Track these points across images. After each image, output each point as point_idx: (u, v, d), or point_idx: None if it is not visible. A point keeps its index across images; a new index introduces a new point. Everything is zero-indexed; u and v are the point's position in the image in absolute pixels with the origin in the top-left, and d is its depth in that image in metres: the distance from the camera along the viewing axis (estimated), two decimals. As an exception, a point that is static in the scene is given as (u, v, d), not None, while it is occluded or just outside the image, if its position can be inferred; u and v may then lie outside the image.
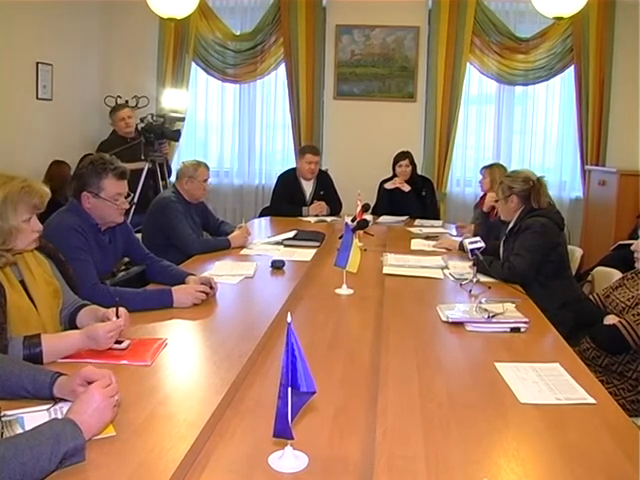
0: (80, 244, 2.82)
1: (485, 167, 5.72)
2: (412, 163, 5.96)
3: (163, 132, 5.89)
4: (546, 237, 3.51)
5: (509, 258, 3.51)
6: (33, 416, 1.65)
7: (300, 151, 6.00)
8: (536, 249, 3.47)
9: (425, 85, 7.11)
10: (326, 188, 5.93)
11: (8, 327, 2.01)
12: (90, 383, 1.69)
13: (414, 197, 5.85)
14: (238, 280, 3.32)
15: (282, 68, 7.24)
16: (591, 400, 1.90)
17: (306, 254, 4.02)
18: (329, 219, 5.54)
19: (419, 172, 6.25)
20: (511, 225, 3.76)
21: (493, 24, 6.88)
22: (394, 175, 5.96)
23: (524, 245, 3.49)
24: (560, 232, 3.64)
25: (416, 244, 4.48)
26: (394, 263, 3.71)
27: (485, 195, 5.72)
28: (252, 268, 3.55)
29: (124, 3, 7.03)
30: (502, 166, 5.75)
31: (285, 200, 5.77)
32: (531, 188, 3.68)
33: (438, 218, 5.97)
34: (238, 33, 7.27)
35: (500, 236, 4.01)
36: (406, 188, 5.82)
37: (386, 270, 3.57)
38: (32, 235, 2.21)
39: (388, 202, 5.86)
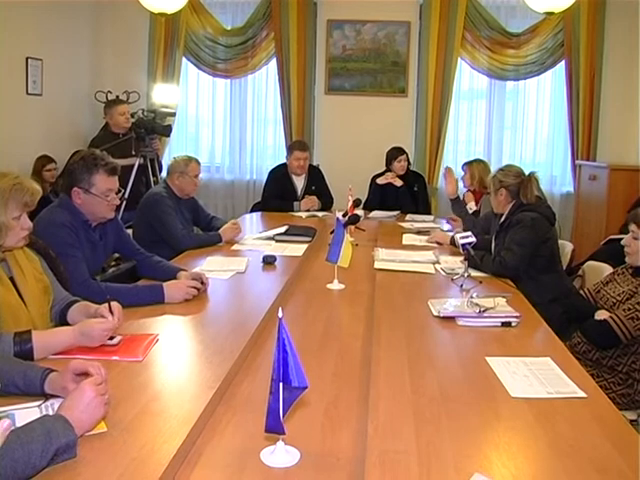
0: (71, 240, 2.81)
1: (466, 163, 5.74)
2: (407, 159, 5.97)
3: (154, 127, 5.87)
4: (536, 231, 3.53)
5: (500, 253, 3.52)
6: (24, 413, 1.65)
7: (289, 148, 5.96)
8: (526, 243, 3.48)
9: (416, 80, 7.12)
10: (317, 183, 5.91)
11: (-2, 324, 2.01)
12: (79, 375, 1.70)
13: (406, 192, 5.85)
14: (229, 275, 3.32)
15: (273, 63, 7.23)
16: (582, 394, 1.91)
17: (297, 249, 4.01)
18: (320, 214, 5.53)
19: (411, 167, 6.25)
20: (502, 219, 3.77)
21: (484, 19, 6.89)
22: (387, 170, 5.96)
23: (514, 239, 3.51)
24: (551, 226, 3.65)
25: (407, 239, 4.48)
26: (385, 258, 3.71)
27: (468, 191, 5.74)
28: (243, 263, 3.54)
29: (114, -2, 7.01)
30: (482, 162, 5.76)
31: (276, 195, 5.76)
32: (520, 183, 3.69)
33: (430, 213, 5.97)
34: (229, 28, 7.25)
35: (491, 230, 4.03)
36: (398, 183, 5.83)
37: (377, 265, 3.57)
38: (21, 233, 2.20)
39: (380, 197, 5.86)
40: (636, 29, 6.19)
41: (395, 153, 5.95)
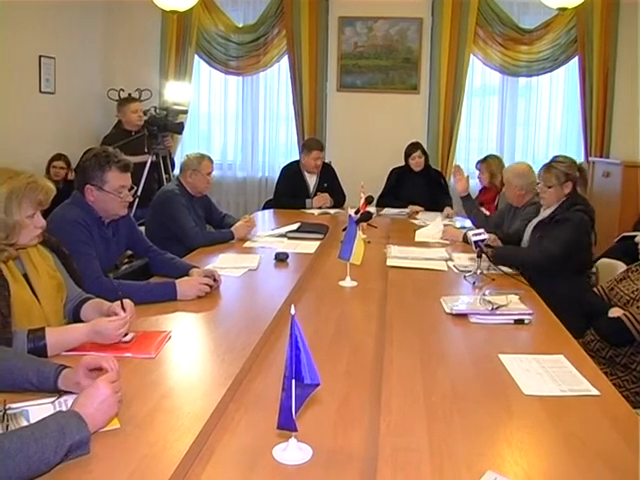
0: (84, 237, 2.82)
1: (480, 161, 5.69)
2: (424, 153, 5.93)
3: (166, 125, 5.89)
4: (580, 233, 3.52)
5: (544, 244, 3.50)
6: (38, 409, 1.66)
7: (307, 147, 5.86)
8: (568, 242, 3.46)
9: (428, 77, 7.10)
10: (329, 180, 5.90)
11: (12, 320, 2.01)
12: (93, 371, 1.71)
13: (427, 188, 5.79)
14: (242, 272, 3.32)
15: (285, 60, 7.24)
16: (595, 392, 1.90)
17: (310, 246, 4.02)
18: (332, 211, 5.53)
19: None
20: (549, 213, 3.73)
21: (496, 15, 6.86)
22: (407, 165, 5.93)
23: (559, 235, 3.48)
24: (592, 231, 3.65)
25: (420, 236, 4.47)
26: (398, 255, 3.71)
27: (484, 188, 5.70)
28: (256, 260, 3.55)
29: (126, -4, 7.04)
30: (497, 157, 5.72)
31: (288, 193, 5.75)
32: (580, 173, 3.69)
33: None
34: (241, 25, 7.26)
35: (505, 226, 4.02)
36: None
37: (390, 262, 3.56)
38: (35, 231, 2.21)
39: (396, 190, 5.81)
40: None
41: (408, 150, 5.92)
